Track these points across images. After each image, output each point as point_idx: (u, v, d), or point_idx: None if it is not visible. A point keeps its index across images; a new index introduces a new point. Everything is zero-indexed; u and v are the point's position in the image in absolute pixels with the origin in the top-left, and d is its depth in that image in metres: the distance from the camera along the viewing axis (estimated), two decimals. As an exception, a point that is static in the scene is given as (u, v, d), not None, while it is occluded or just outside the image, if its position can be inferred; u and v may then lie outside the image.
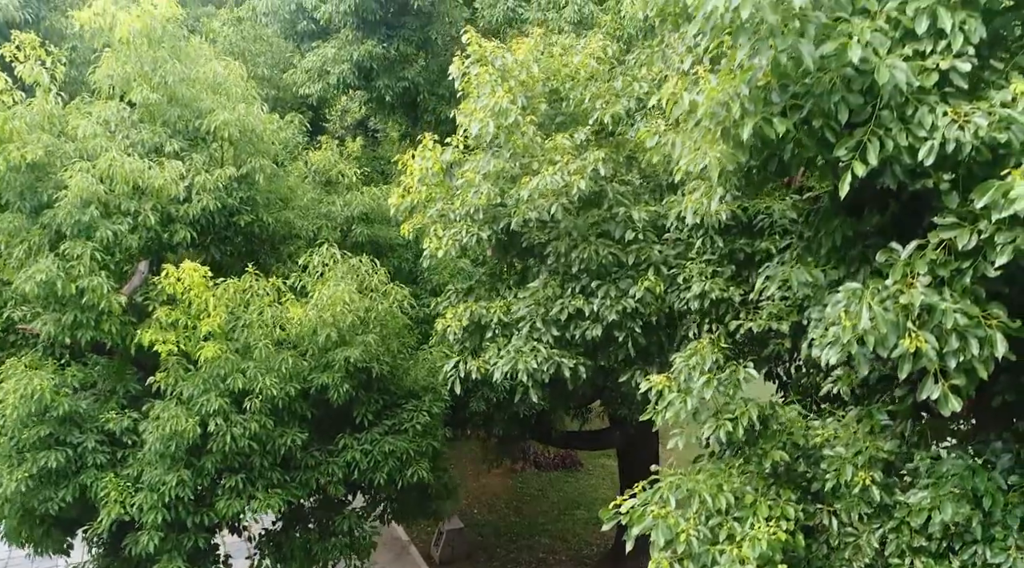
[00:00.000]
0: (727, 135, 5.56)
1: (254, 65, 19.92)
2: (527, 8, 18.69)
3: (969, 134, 5.07)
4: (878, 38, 5.12)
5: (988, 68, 5.49)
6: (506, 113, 9.44)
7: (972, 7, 5.26)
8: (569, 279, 10.05)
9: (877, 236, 6.52)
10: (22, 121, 11.63)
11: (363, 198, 16.18)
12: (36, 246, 11.55)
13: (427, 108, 19.11)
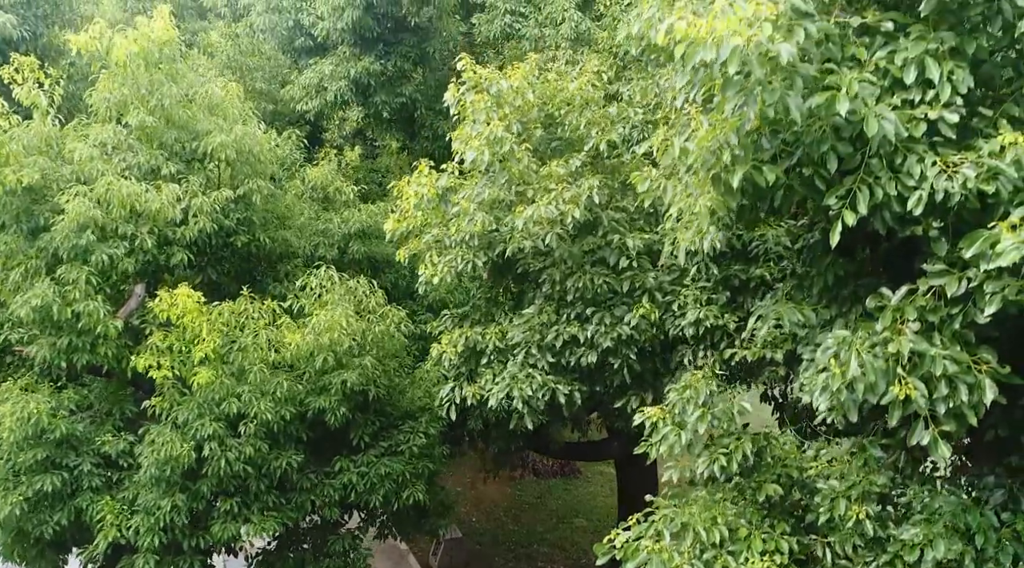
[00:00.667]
0: (718, 181, 5.58)
1: (251, 79, 19.94)
2: (524, 23, 18.74)
3: (957, 185, 5.10)
4: (866, 89, 5.14)
5: (977, 115, 5.51)
6: (501, 142, 9.47)
7: (960, 57, 5.29)
8: (564, 305, 10.08)
9: (869, 275, 6.54)
10: (19, 143, 11.67)
11: (360, 216, 16.20)
12: (33, 269, 11.57)
13: (424, 123, 19.16)
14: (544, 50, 18.08)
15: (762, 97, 4.91)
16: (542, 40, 18.15)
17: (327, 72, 17.39)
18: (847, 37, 5.42)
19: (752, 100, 4.96)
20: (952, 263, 5.53)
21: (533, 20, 18.38)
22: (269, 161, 14.32)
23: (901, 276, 6.51)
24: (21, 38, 16.86)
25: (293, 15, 17.92)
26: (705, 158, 5.49)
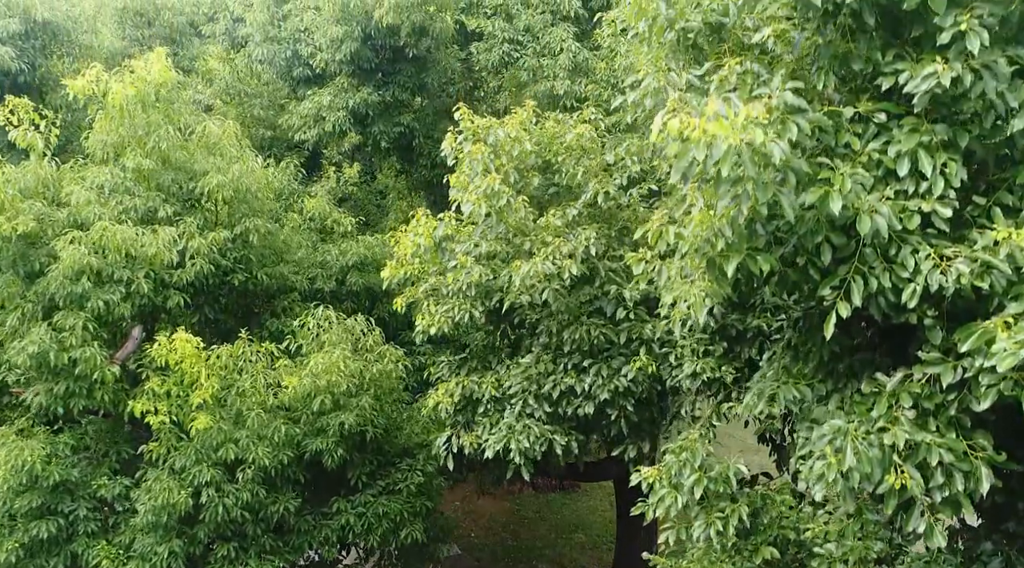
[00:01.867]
0: (712, 265, 5.58)
1: (249, 106, 19.99)
2: (523, 52, 18.76)
3: (951, 279, 5.09)
4: (859, 187, 5.15)
5: (970, 203, 5.51)
6: (498, 195, 9.48)
7: (954, 150, 5.29)
8: (561, 355, 10.08)
9: (865, 350, 6.53)
10: (15, 187, 11.68)
11: (358, 248, 16.21)
12: (29, 313, 11.57)
13: (422, 152, 19.16)
14: (542, 80, 18.14)
15: (755, 195, 4.91)
16: (540, 70, 18.17)
17: (325, 103, 17.39)
18: (841, 125, 5.43)
19: (745, 196, 4.96)
20: (947, 350, 5.53)
21: (531, 50, 18.40)
22: (267, 198, 14.34)
23: (897, 352, 6.50)
24: (19, 70, 16.88)
25: (291, 46, 17.94)
26: (700, 245, 5.49)
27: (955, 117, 5.32)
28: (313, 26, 17.24)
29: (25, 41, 17.03)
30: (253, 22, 17.76)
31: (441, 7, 17.01)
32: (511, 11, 18.92)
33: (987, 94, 5.01)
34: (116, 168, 12.29)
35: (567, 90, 17.84)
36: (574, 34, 18.42)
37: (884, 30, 5.44)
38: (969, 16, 4.95)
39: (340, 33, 16.53)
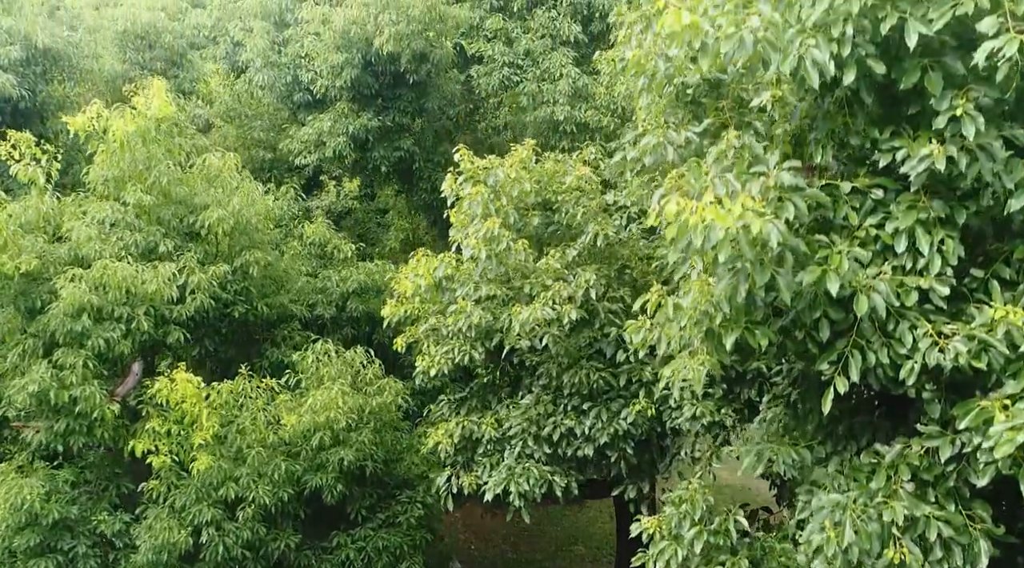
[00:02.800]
0: (711, 335, 5.60)
1: (249, 128, 20.00)
2: (523, 75, 18.79)
3: (949, 358, 5.11)
4: (856, 264, 5.17)
5: (967, 275, 5.52)
6: (498, 239, 9.51)
7: (951, 226, 5.30)
8: (561, 396, 10.09)
9: (864, 413, 6.55)
10: (16, 222, 11.70)
11: (358, 275, 16.23)
12: (30, 350, 11.59)
13: (422, 176, 19.20)
14: (542, 105, 18.18)
15: (753, 276, 4.93)
16: (540, 95, 18.21)
17: (326, 128, 17.41)
18: (839, 199, 5.45)
19: (743, 277, 4.98)
20: (945, 422, 5.54)
21: (531, 74, 18.43)
22: (267, 228, 14.37)
23: (896, 414, 6.51)
24: (20, 96, 16.89)
25: (291, 71, 17.95)
26: (698, 318, 5.51)
27: (952, 192, 5.33)
28: (313, 52, 17.27)
29: (26, 67, 17.04)
30: (253, 48, 17.79)
31: (441, 33, 17.05)
32: (511, 35, 18.97)
33: (983, 176, 5.03)
34: (117, 203, 12.31)
35: (567, 115, 17.88)
36: (574, 59, 18.45)
37: (882, 106, 5.45)
38: (965, 100, 4.96)
39: (341, 60, 16.57)
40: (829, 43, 4.93)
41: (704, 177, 5.25)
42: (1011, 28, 4.59)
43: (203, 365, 13.83)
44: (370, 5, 16.22)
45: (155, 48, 20.07)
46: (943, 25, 4.78)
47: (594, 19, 18.76)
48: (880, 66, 5.03)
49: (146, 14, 19.77)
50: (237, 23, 19.15)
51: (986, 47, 4.65)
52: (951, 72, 5.07)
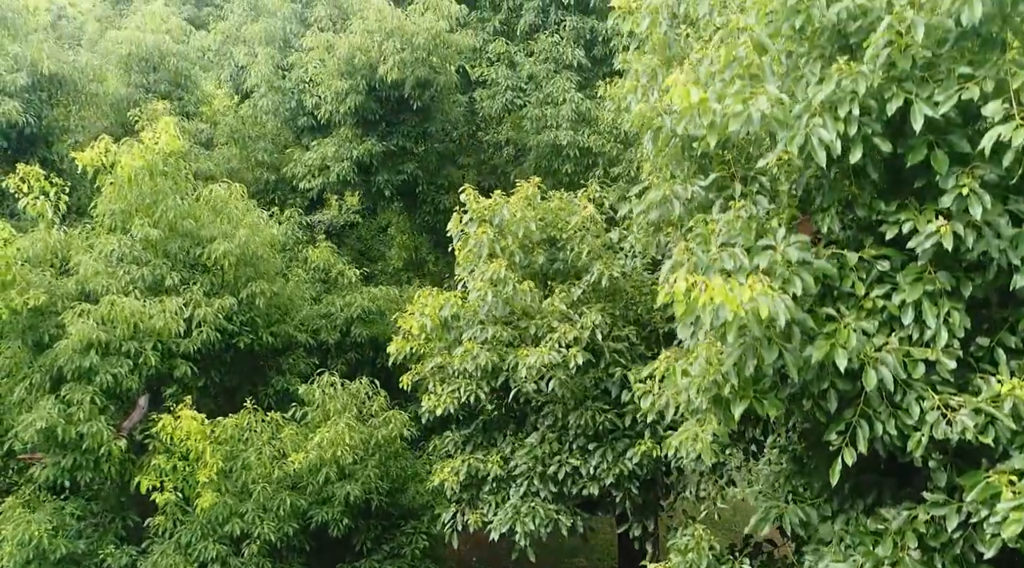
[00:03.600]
0: (719, 403, 5.65)
1: (253, 150, 20.08)
2: (526, 98, 18.87)
3: (956, 431, 5.16)
4: (864, 338, 5.22)
5: (973, 344, 5.58)
6: (504, 282, 9.57)
7: (957, 298, 5.36)
8: (566, 435, 10.13)
9: (871, 471, 6.59)
10: (25, 254, 11.77)
11: (362, 300, 16.29)
12: (37, 384, 11.65)
13: (426, 199, 19.27)
14: (545, 130, 18.24)
15: (761, 353, 4.99)
16: (543, 120, 18.27)
17: (330, 153, 17.47)
18: (846, 269, 5.50)
19: (751, 353, 5.04)
20: (952, 490, 5.58)
21: (535, 98, 18.50)
22: (272, 258, 14.43)
23: (903, 473, 6.56)
24: (26, 122, 16.97)
25: (295, 96, 18.03)
26: (707, 386, 5.56)
27: (958, 263, 5.38)
28: (317, 78, 17.35)
29: (32, 93, 17.11)
30: (258, 74, 17.87)
31: (445, 59, 17.12)
32: (514, 58, 19.05)
33: (989, 252, 5.09)
34: (124, 237, 12.38)
35: (570, 140, 17.93)
36: (577, 83, 18.52)
37: (888, 179, 5.52)
38: (970, 178, 5.02)
39: (345, 87, 16.63)
40: (836, 122, 5.00)
41: (711, 248, 5.31)
42: (1016, 114, 4.65)
43: (208, 393, 13.88)
44: (374, 33, 16.30)
45: (159, 70, 20.14)
46: (949, 108, 4.84)
47: (597, 43, 18.83)
48: (886, 145, 5.09)
49: (151, 37, 19.83)
50: (242, 47, 19.23)
51: (992, 134, 4.71)
52: (957, 150, 5.13)
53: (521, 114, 18.46)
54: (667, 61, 8.05)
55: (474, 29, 19.60)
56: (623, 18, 8.29)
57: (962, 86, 4.85)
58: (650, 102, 7.54)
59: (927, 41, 4.84)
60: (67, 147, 17.54)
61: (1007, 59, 4.73)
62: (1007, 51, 4.77)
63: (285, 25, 18.48)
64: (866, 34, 5.13)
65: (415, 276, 20.88)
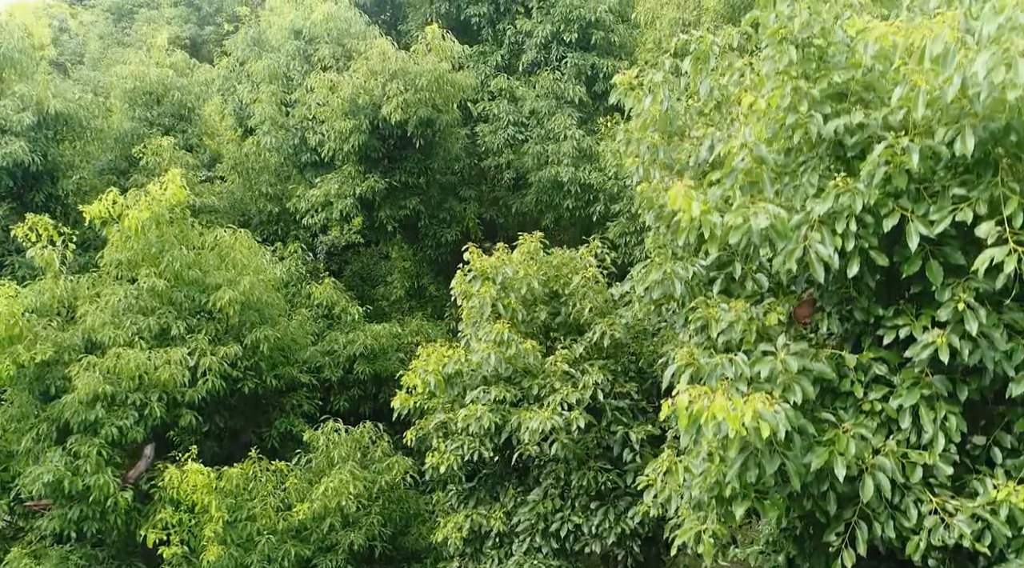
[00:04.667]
0: (721, 502, 5.76)
1: (257, 182, 20.25)
2: (527, 134, 19.01)
3: (954, 535, 5.26)
4: (862, 443, 5.33)
5: (969, 443, 5.68)
6: (507, 344, 9.69)
7: (953, 402, 5.47)
8: (569, 493, 10.23)
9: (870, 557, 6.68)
10: (32, 306, 11.88)
11: (365, 338, 16.43)
12: (44, 434, 11.76)
13: (428, 233, 19.40)
14: (546, 166, 18.38)
15: (762, 462, 5.10)
16: (544, 155, 18.41)
17: (333, 190, 17.60)
18: (845, 371, 5.62)
19: (752, 462, 5.15)
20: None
21: (536, 134, 18.64)
22: (276, 301, 14.56)
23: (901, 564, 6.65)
24: (32, 161, 17.10)
25: (299, 133, 18.17)
26: (709, 487, 5.67)
27: (955, 368, 5.49)
28: (321, 115, 17.49)
29: (38, 131, 17.25)
30: (262, 112, 18.01)
31: (448, 99, 17.27)
32: (515, 93, 19.20)
33: (984, 363, 5.20)
34: (131, 286, 12.49)
35: (571, 177, 18.08)
36: (578, 119, 18.67)
37: (885, 284, 5.63)
38: (965, 292, 5.14)
39: (348, 126, 16.77)
40: (834, 237, 5.12)
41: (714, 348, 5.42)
42: (1009, 238, 4.77)
43: (212, 436, 13.99)
44: (378, 74, 16.45)
45: (163, 103, 20.30)
46: (943, 231, 4.96)
47: (598, 79, 18.99)
48: (883, 259, 5.21)
49: (155, 71, 19.99)
50: (246, 82, 19.38)
51: (985, 257, 4.83)
52: (952, 262, 5.24)
53: (523, 150, 18.61)
54: (668, 136, 8.19)
55: (476, 62, 19.78)
56: (625, 94, 8.41)
57: (956, 206, 4.97)
58: (652, 182, 7.69)
59: (922, 164, 4.96)
60: (73, 183, 17.73)
61: (999, 181, 4.85)
62: (999, 172, 4.89)
63: (288, 62, 18.62)
64: (863, 148, 5.26)
65: (417, 306, 21.00)
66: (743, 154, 5.46)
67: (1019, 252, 4.72)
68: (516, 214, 20.47)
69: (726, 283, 7.00)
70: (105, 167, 19.50)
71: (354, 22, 18.05)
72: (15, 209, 16.83)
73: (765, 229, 5.15)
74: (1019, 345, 5.24)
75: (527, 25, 18.88)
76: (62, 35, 38.99)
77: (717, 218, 5.38)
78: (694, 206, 5.41)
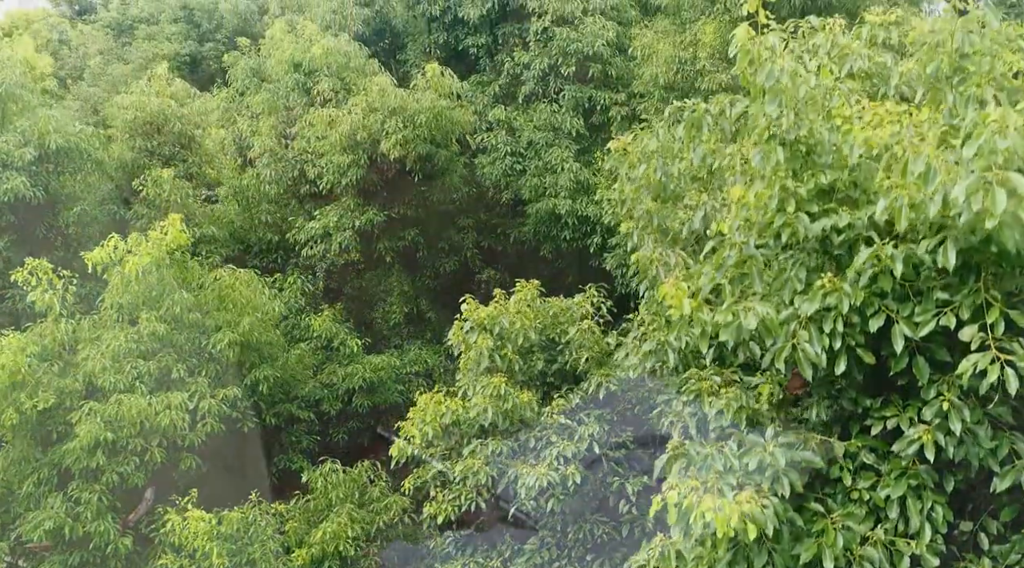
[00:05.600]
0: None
1: (257, 211, 20.37)
2: (525, 165, 19.16)
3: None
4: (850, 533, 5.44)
5: (956, 529, 5.80)
6: (505, 398, 9.81)
7: (939, 492, 5.58)
8: (565, 543, 10.33)
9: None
10: (34, 351, 11.98)
11: (364, 371, 16.56)
12: (44, 478, 11.85)
13: (426, 264, 19.54)
14: (544, 199, 18.52)
15: (751, 557, 5.21)
16: (542, 188, 18.56)
17: (332, 223, 17.75)
18: (834, 459, 5.73)
19: (741, 557, 5.26)
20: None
21: (534, 166, 18.78)
22: (276, 340, 14.69)
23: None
24: (33, 195, 17.21)
25: (298, 166, 18.33)
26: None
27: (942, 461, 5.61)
28: (320, 149, 17.63)
29: (39, 165, 17.38)
30: (261, 145, 18.16)
31: (447, 134, 17.42)
32: (513, 125, 19.36)
33: (969, 459, 5.31)
34: (131, 330, 12.59)
35: (568, 209, 18.22)
36: (576, 151, 18.81)
37: (872, 375, 5.75)
38: (951, 391, 5.26)
39: (347, 161, 16.93)
40: (821, 337, 5.24)
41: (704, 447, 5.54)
42: (992, 344, 4.89)
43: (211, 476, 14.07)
44: (377, 111, 16.60)
45: (163, 133, 20.44)
46: (928, 332, 5.08)
47: (595, 111, 19.13)
48: (869, 357, 5.34)
49: (155, 101, 20.13)
50: (245, 114, 19.52)
51: (968, 363, 4.95)
52: (938, 359, 5.37)
53: (520, 183, 18.75)
54: (662, 201, 8.33)
55: (474, 91, 19.94)
56: (620, 161, 8.55)
57: (940, 310, 5.10)
58: (647, 252, 7.83)
59: (906, 269, 5.09)
60: (74, 214, 17.84)
61: (982, 287, 4.97)
62: (981, 278, 5.01)
63: (288, 94, 18.77)
64: (850, 246, 5.39)
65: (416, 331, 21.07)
66: (732, 252, 5.60)
67: (1001, 360, 4.84)
68: (515, 243, 20.61)
69: (719, 351, 7.12)
70: (106, 197, 19.59)
71: (354, 56, 18.22)
72: (16, 241, 16.93)
73: (754, 329, 5.28)
74: (1004, 440, 5.36)
75: (525, 57, 19.05)
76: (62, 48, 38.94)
77: (707, 315, 5.51)
78: (685, 304, 5.54)
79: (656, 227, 8.13)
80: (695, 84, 17.07)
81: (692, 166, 8.20)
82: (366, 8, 20.65)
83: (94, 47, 37.73)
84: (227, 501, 12.89)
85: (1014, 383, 4.72)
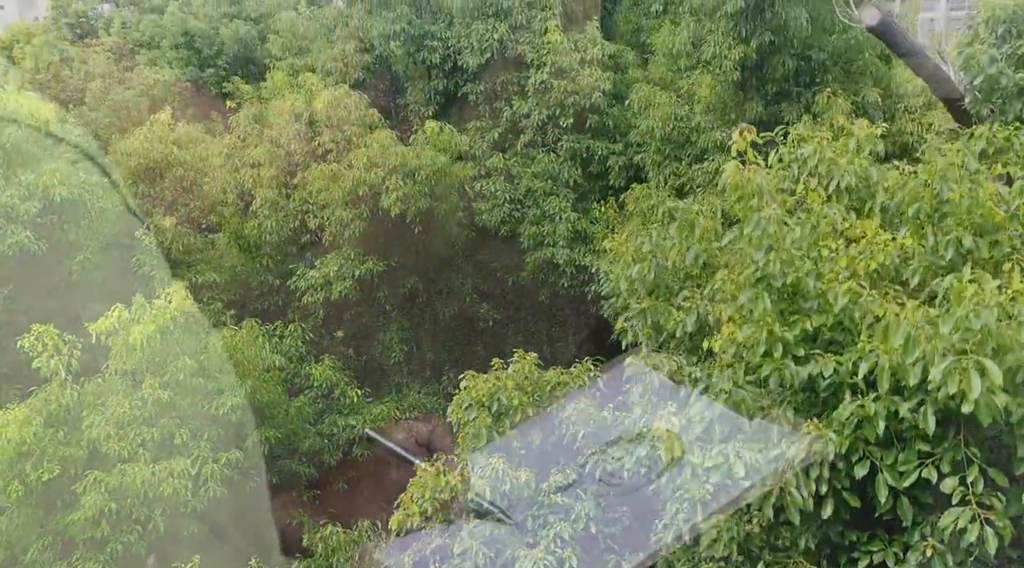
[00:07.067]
0: None
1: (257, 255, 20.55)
2: (524, 212, 19.38)
3: None
4: None
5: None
6: (502, 481, 9.97)
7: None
8: (564, 617, 10.49)
9: None
10: (39, 420, 12.13)
11: (363, 421, 16.75)
12: (48, 546, 11.99)
13: (425, 310, 19.73)
14: (542, 248, 18.73)
15: None
16: (540, 237, 18.78)
17: (332, 272, 17.97)
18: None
19: None
20: None
21: (531, 215, 19.01)
22: (279, 398, 14.87)
23: None
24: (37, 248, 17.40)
25: (299, 216, 18.55)
26: None
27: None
28: (321, 201, 17.85)
29: (43, 217, 17.59)
30: (263, 198, 18.38)
31: (447, 189, 17.65)
32: (512, 171, 19.60)
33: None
34: (135, 397, 12.76)
35: (566, 259, 18.45)
36: (573, 200, 19.04)
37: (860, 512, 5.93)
38: (934, 537, 5.44)
39: (349, 216, 17.16)
40: (808, 482, 5.43)
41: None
42: (972, 499, 5.07)
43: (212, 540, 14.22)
44: (378, 167, 16.83)
45: (166, 178, 20.67)
46: (911, 484, 5.27)
47: (593, 161, 19.36)
48: (855, 500, 5.52)
49: (159, 147, 20.37)
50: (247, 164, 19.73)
51: (949, 517, 5.14)
52: (922, 501, 5.55)
53: (519, 231, 18.97)
54: (656, 298, 8.54)
55: (473, 137, 20.15)
56: (615, 260, 8.75)
57: (922, 462, 5.28)
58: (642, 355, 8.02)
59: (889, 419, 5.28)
60: (78, 264, 18.02)
61: (961, 442, 5.17)
62: (960, 433, 5.20)
63: (289, 144, 19.00)
64: (836, 390, 5.59)
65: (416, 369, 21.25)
66: (721, 397, 5.80)
67: (981, 517, 5.02)
68: (513, 286, 20.81)
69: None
70: (109, 243, 19.80)
71: (354, 109, 18.43)
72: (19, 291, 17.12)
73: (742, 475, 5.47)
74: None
75: (524, 107, 19.29)
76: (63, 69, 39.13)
77: (698, 459, 5.70)
78: (676, 446, 5.73)
79: (650, 325, 8.33)
80: (691, 138, 17.34)
81: (685, 264, 8.45)
82: (366, 55, 20.91)
83: (96, 69, 37.92)
84: (229, 565, 13.06)
85: (993, 544, 4.91)
